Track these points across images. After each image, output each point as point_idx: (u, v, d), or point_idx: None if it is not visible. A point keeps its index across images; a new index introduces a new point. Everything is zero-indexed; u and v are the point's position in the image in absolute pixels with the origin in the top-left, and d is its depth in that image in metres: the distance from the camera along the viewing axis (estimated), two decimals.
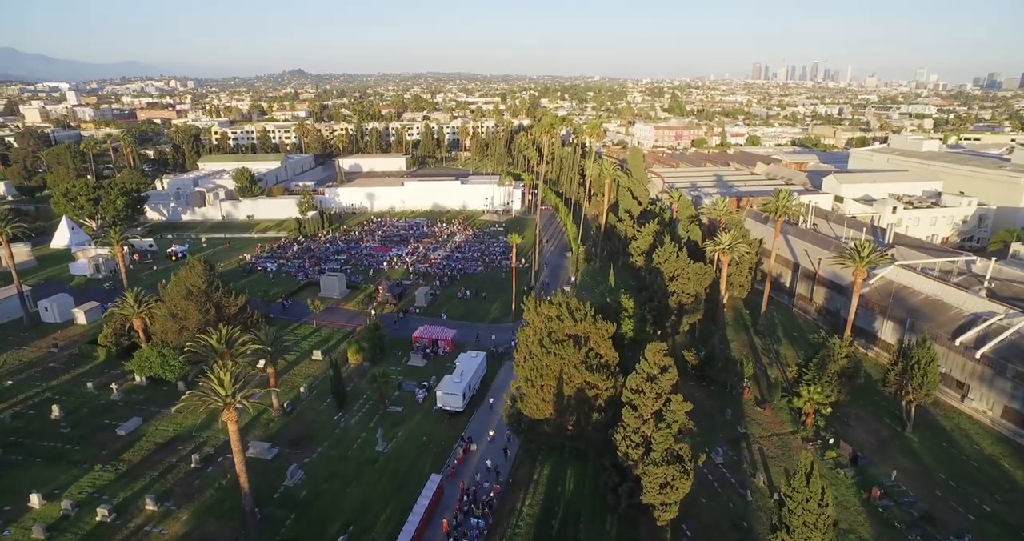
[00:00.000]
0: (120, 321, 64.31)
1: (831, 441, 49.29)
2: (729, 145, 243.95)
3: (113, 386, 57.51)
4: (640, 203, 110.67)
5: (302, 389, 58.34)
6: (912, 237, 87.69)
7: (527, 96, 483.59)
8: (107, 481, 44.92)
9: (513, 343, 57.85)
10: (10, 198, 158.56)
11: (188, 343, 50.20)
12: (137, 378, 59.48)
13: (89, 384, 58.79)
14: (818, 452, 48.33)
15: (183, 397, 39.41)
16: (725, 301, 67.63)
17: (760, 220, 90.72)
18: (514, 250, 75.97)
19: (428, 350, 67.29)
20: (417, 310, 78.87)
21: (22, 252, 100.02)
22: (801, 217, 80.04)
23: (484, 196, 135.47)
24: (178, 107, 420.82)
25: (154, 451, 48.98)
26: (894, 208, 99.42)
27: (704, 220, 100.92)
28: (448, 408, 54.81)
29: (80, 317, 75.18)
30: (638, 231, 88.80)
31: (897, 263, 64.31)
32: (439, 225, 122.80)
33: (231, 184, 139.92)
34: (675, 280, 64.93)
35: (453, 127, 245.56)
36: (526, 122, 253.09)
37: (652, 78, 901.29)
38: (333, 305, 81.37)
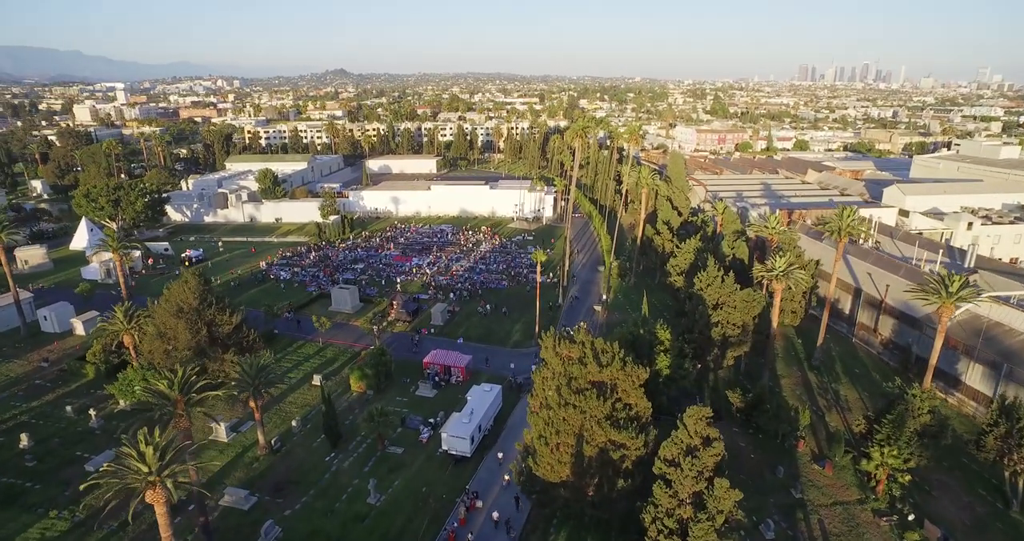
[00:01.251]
0: (110, 337, 59.75)
1: (911, 517, 40.58)
2: (775, 150, 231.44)
3: (92, 412, 52.67)
4: (680, 214, 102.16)
5: (294, 422, 52.48)
6: (997, 260, 77.05)
7: (565, 97, 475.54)
8: (59, 533, 39.60)
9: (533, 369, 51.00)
10: (45, 196, 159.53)
11: (139, 387, 44.28)
12: (121, 402, 54.63)
13: (68, 408, 54.18)
14: (895, 531, 39.76)
15: (92, 474, 32.89)
16: (775, 331, 59.09)
17: (815, 237, 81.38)
18: (538, 268, 68.78)
19: (439, 378, 60.76)
20: (432, 330, 72.46)
21: (38, 254, 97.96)
22: (863, 234, 70.75)
23: (514, 202, 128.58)
24: (219, 106, 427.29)
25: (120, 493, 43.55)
26: (969, 223, 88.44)
27: (750, 234, 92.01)
28: (454, 452, 48.11)
29: (79, 327, 71.30)
30: (677, 246, 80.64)
31: (988, 295, 54.69)
32: (464, 233, 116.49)
33: (255, 185, 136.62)
34: (719, 308, 56.84)
35: (487, 128, 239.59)
36: (563, 123, 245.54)
37: (694, 79, 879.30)
38: (344, 321, 75.70)
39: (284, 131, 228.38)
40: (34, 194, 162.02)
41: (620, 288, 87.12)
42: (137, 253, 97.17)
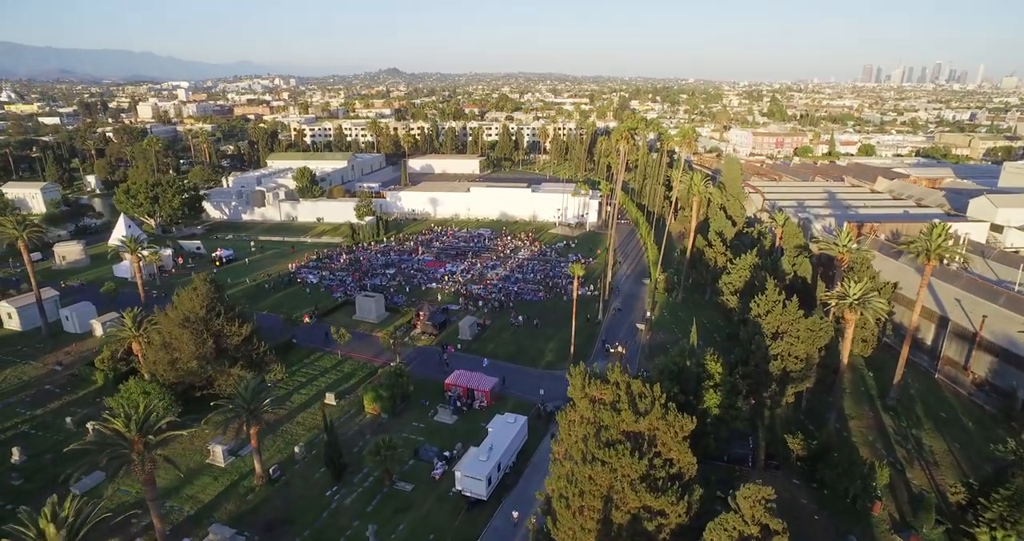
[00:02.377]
0: (119, 343, 56.92)
1: None
2: (838, 154, 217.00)
3: (90, 425, 49.55)
4: (734, 224, 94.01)
5: (298, 448, 47.97)
6: None
7: (616, 97, 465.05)
8: None
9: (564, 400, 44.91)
10: (98, 191, 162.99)
11: (93, 423, 39.98)
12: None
13: (68, 419, 51.37)
14: None
15: None
16: (844, 367, 51.09)
17: (890, 254, 72.24)
18: (575, 283, 62.52)
19: (461, 402, 55.41)
20: (459, 345, 67.21)
21: (75, 251, 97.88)
22: (956, 256, 61.38)
23: (556, 206, 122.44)
24: (273, 103, 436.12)
25: (100, 523, 39.88)
26: None
27: (814, 248, 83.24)
28: (469, 494, 42.62)
29: (98, 329, 69.29)
30: (731, 261, 72.96)
31: None
32: (502, 238, 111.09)
33: (294, 183, 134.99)
34: (780, 339, 49.39)
35: (533, 128, 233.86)
36: (612, 124, 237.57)
37: (750, 81, 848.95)
38: (367, 331, 71.35)
39: (329, 129, 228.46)
40: (88, 189, 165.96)
41: (666, 304, 79.93)
42: (168, 252, 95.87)
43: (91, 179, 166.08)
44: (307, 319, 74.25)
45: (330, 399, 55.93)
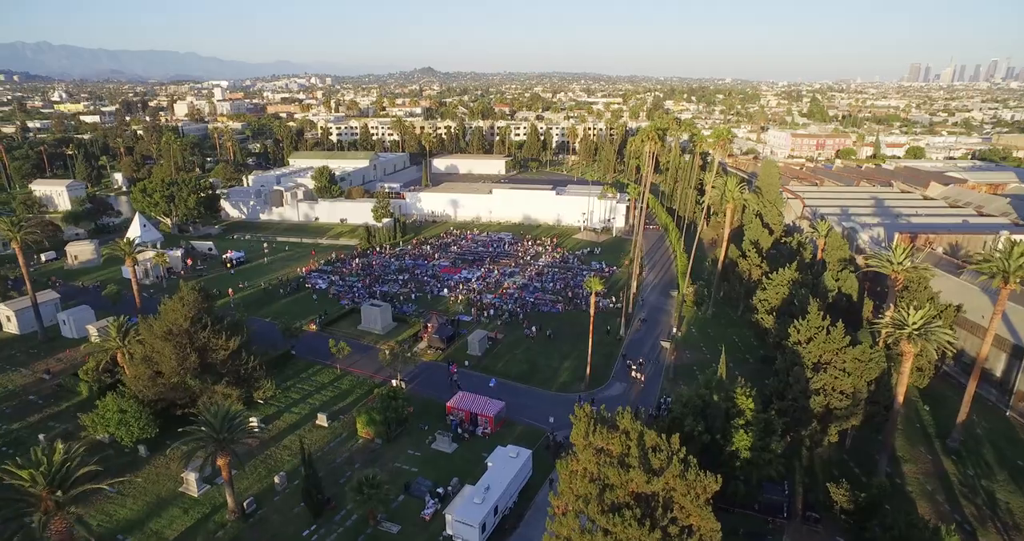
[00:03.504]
0: (103, 354, 53.69)
1: None
2: (883, 157, 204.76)
3: (58, 444, 46.13)
4: (772, 232, 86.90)
5: (278, 478, 43.65)
6: None
7: (650, 97, 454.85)
8: None
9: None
10: (124, 189, 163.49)
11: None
12: (97, 435, 48.00)
13: (41, 436, 48.16)
14: None
15: None
16: (899, 406, 44.27)
17: (950, 270, 64.63)
18: (593, 298, 56.92)
19: (462, 429, 50.49)
20: (467, 362, 62.30)
21: (87, 250, 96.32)
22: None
23: (581, 210, 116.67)
24: (305, 101, 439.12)
25: None
26: None
27: (860, 261, 75.96)
28: (460, 540, 37.69)
29: (94, 335, 66.46)
30: (767, 274, 66.36)
31: None
32: (523, 243, 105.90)
33: (313, 183, 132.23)
34: (823, 370, 43.17)
35: (562, 128, 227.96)
36: (644, 124, 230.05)
37: (789, 81, 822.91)
38: (372, 343, 67.08)
39: (355, 128, 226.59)
40: (115, 187, 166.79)
41: (695, 319, 73.61)
42: (178, 253, 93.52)
43: (119, 176, 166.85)
44: (313, 327, 70.60)
45: (322, 420, 51.67)
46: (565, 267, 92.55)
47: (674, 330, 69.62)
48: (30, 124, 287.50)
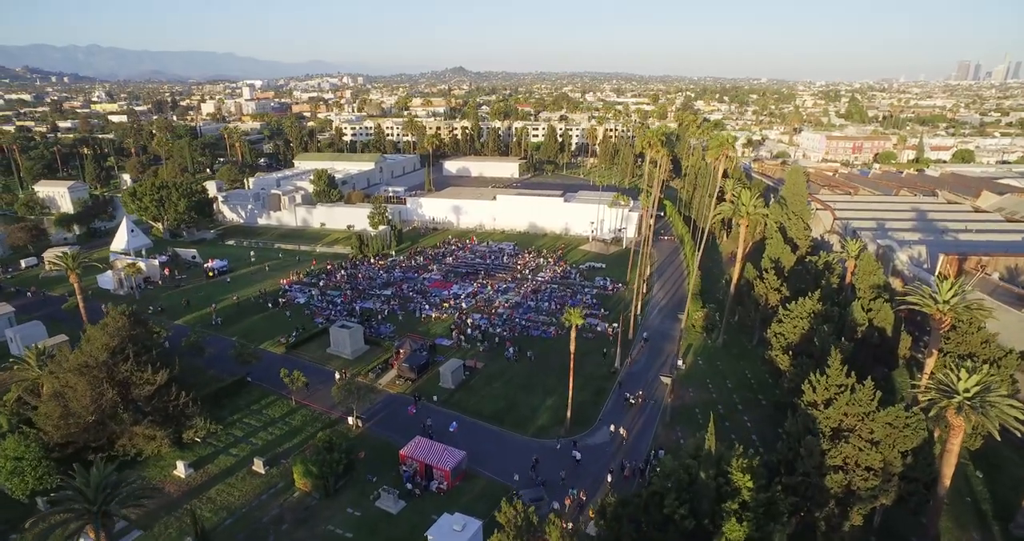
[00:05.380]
0: (19, 384, 48.29)
1: None
2: (927, 161, 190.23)
3: None
4: (797, 247, 77.76)
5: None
6: None
7: (681, 97, 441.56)
8: None
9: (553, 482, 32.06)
10: None
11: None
12: None
13: None
14: None
15: None
16: (944, 488, 35.39)
17: (1009, 301, 55.03)
18: (573, 333, 49.29)
19: (414, 483, 43.48)
20: (435, 397, 55.33)
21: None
22: None
23: (591, 218, 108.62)
24: (331, 101, 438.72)
25: None
26: None
27: (896, 284, 66.77)
28: None
29: (30, 357, 61.46)
30: (785, 302, 57.63)
31: None
32: (525, 254, 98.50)
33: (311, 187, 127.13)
34: (844, 439, 34.83)
35: (582, 129, 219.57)
36: (672, 126, 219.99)
37: (827, 80, 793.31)
38: (339, 369, 60.68)
39: (370, 128, 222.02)
40: (124, 188, 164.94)
41: (703, 349, 65.32)
42: (156, 261, 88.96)
43: (127, 177, 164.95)
44: (280, 348, 64.91)
45: (258, 466, 45.35)
46: (565, 284, 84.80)
47: (678, 362, 61.47)
48: (60, 124, 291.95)
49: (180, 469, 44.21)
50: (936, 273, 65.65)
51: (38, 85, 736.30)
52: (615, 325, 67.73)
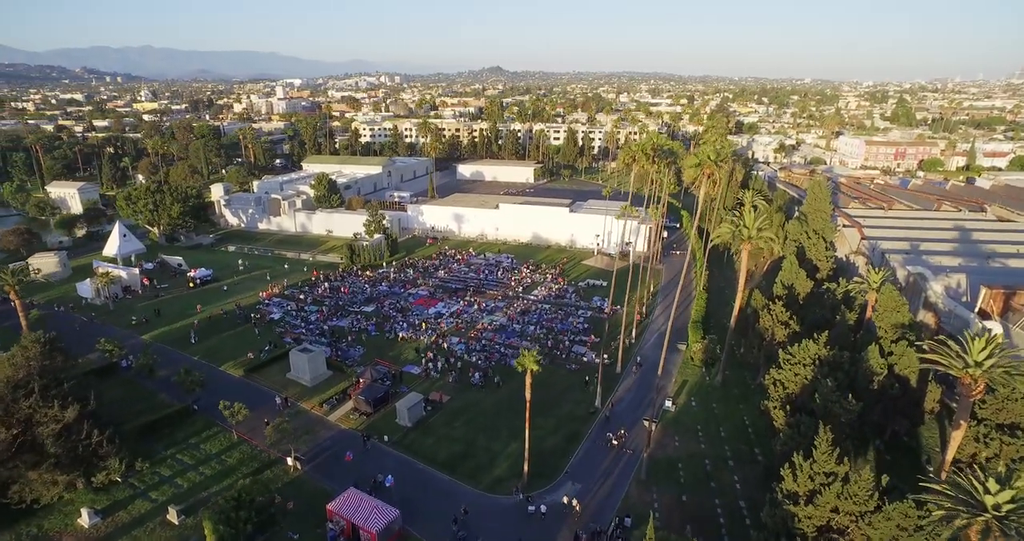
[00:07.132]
0: None
1: None
2: (979, 169, 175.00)
3: None
4: (816, 271, 69.86)
5: None
6: None
7: (718, 98, 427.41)
8: None
9: None
10: None
11: None
12: None
13: None
14: None
15: None
16: None
17: None
18: (528, 379, 43.06)
19: None
20: (387, 437, 49.89)
21: (51, 262, 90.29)
22: None
23: (597, 230, 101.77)
24: (363, 100, 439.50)
25: None
26: None
27: (928, 319, 58.62)
28: None
29: None
30: (793, 336, 50.28)
31: None
32: (522, 269, 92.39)
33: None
34: None
35: (605, 132, 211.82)
36: (701, 129, 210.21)
37: (875, 80, 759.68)
38: (297, 399, 55.96)
39: (388, 129, 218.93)
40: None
41: (699, 387, 58.27)
42: (136, 270, 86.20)
43: (141, 178, 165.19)
44: (240, 372, 60.61)
45: (172, 515, 40.64)
46: (558, 304, 78.46)
47: (668, 403, 54.62)
48: (97, 123, 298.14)
49: (85, 518, 39.84)
50: (976, 309, 57.07)
51: (93, 85, 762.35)
52: (606, 356, 61.25)
